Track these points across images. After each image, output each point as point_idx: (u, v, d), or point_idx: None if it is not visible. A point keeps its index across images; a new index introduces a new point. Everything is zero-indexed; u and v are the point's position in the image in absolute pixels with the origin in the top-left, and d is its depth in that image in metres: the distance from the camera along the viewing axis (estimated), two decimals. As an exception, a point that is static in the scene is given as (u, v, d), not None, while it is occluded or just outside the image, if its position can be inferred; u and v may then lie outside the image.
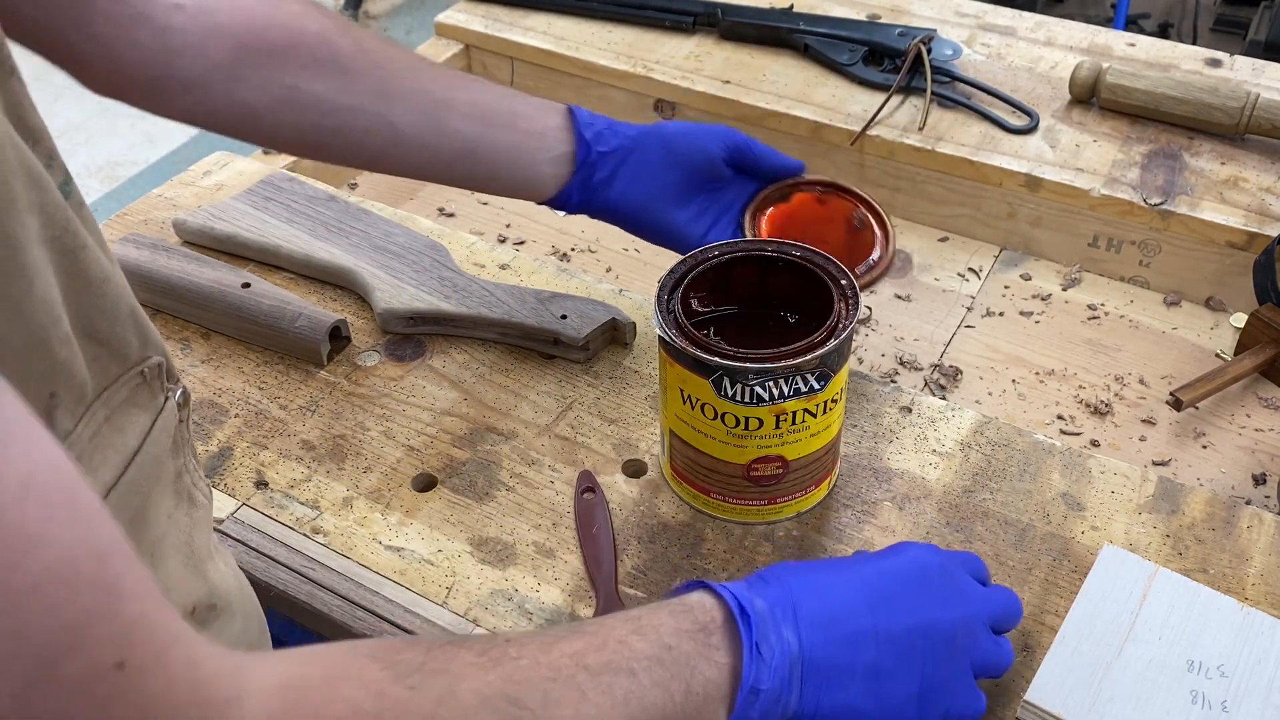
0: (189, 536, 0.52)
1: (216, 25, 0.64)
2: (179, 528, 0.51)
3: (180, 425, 0.51)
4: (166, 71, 0.63)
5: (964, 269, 1.02)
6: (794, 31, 1.15)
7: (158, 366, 0.47)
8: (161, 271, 0.87)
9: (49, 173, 0.40)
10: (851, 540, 0.71)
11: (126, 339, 0.45)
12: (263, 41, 0.65)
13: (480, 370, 0.83)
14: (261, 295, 0.85)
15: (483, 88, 0.73)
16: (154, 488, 0.48)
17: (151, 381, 0.47)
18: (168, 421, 0.48)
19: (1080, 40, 1.18)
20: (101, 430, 0.43)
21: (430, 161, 0.72)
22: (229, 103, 0.66)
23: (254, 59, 0.65)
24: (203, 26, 0.63)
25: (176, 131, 2.81)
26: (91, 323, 0.42)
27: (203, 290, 0.85)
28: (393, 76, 0.69)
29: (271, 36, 0.65)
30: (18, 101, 0.40)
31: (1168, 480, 0.74)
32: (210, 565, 0.54)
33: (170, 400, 0.48)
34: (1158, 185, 0.98)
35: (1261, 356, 0.86)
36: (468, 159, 0.72)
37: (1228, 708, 0.59)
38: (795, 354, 0.64)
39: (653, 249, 1.05)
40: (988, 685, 0.62)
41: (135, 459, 0.45)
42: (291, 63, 0.66)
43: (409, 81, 0.69)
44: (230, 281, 0.86)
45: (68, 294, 0.40)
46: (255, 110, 0.67)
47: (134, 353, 0.45)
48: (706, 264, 0.70)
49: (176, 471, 0.51)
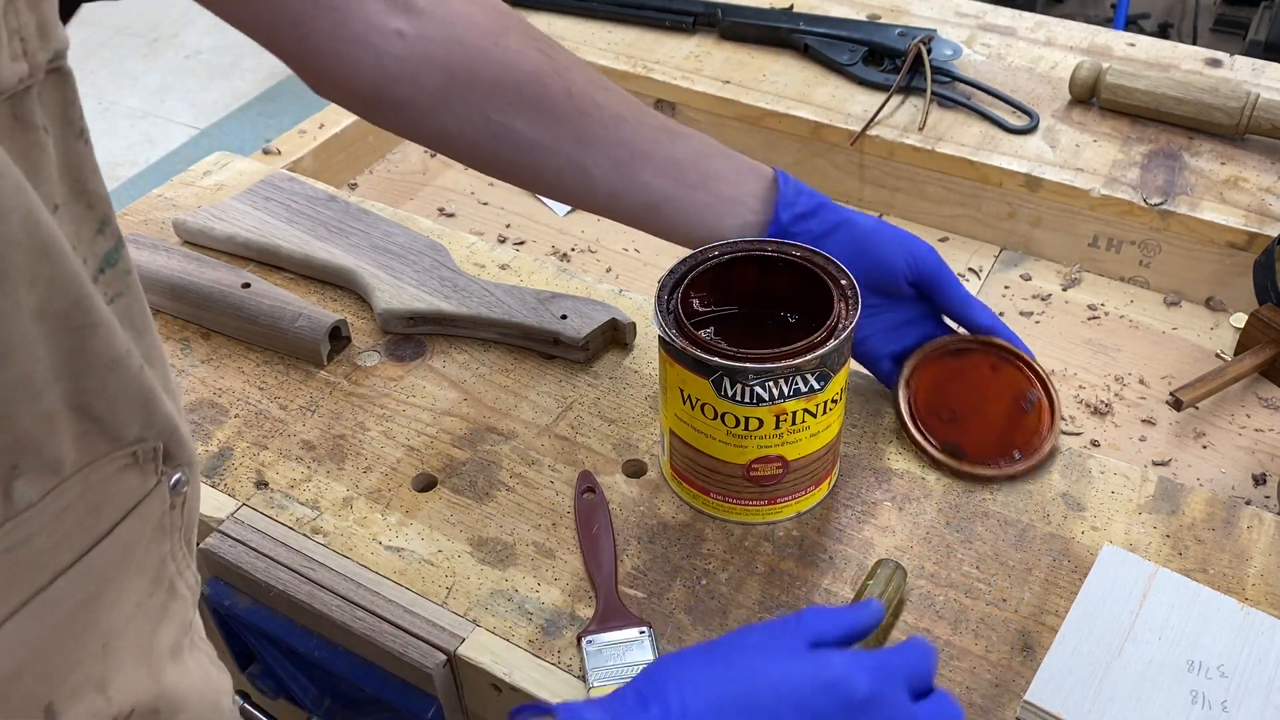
0: (155, 630, 0.48)
1: (431, 55, 0.66)
2: (145, 619, 0.47)
3: (172, 511, 0.47)
4: (380, 93, 0.67)
5: (964, 269, 1.02)
6: (794, 31, 1.15)
7: (153, 450, 0.44)
8: (161, 271, 0.87)
9: (99, 239, 0.39)
10: (851, 540, 0.71)
11: (125, 421, 0.42)
12: (473, 76, 0.67)
13: (480, 370, 0.83)
14: (261, 295, 0.85)
15: (690, 144, 0.73)
16: (117, 575, 0.44)
17: (144, 464, 0.43)
18: (152, 507, 0.45)
19: (1080, 40, 1.18)
20: (73, 507, 0.40)
21: (618, 209, 0.74)
22: (434, 127, 0.69)
23: (462, 91, 0.67)
24: (419, 55, 0.66)
25: (176, 131, 2.81)
26: (87, 401, 0.39)
27: (203, 290, 0.85)
28: (595, 124, 0.70)
29: (483, 72, 0.67)
30: (79, 165, 0.39)
31: (1168, 480, 0.74)
32: (172, 667, 0.49)
33: (162, 485, 0.45)
34: (1158, 185, 0.98)
35: (1261, 356, 0.86)
36: (653, 213, 0.73)
37: (1228, 708, 0.59)
38: (795, 354, 0.64)
39: (653, 249, 1.05)
40: (988, 687, 0.63)
41: (102, 543, 0.42)
42: (498, 99, 0.68)
43: (611, 132, 0.71)
44: (230, 281, 0.86)
45: (64, 371, 0.37)
46: (456, 138, 0.70)
47: (130, 435, 0.42)
48: (706, 264, 0.70)
49: (160, 559, 0.47)
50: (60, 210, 0.38)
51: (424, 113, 0.68)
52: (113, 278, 0.41)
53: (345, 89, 0.68)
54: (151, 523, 0.45)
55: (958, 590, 0.68)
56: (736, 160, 0.74)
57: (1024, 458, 0.73)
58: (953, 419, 0.74)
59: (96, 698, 0.44)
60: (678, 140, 0.73)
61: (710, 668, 0.47)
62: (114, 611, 0.44)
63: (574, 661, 0.64)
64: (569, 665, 0.64)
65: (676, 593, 0.68)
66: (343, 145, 1.14)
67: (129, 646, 0.45)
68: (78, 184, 0.39)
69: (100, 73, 3.02)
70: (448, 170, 1.17)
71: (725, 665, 0.47)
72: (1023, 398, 0.75)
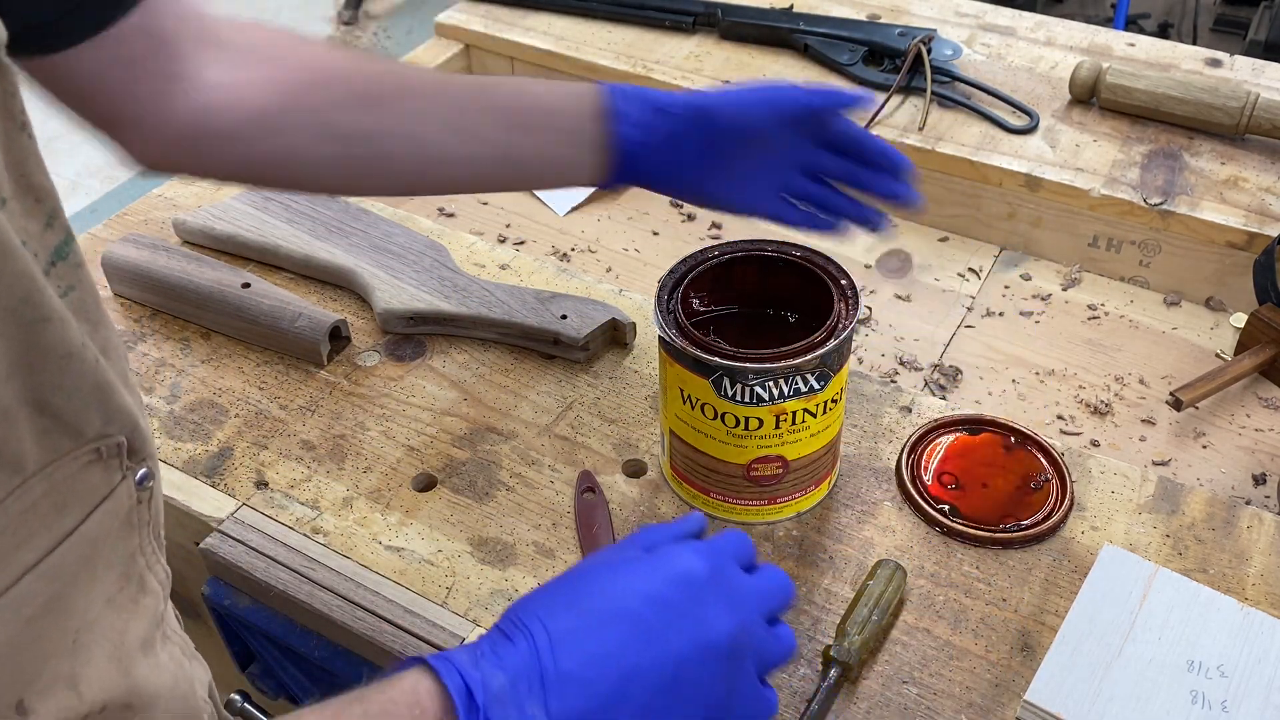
0: (125, 627, 0.47)
1: (250, 78, 0.65)
2: (116, 614, 0.47)
3: (139, 506, 0.47)
4: (206, 128, 0.64)
5: (964, 269, 1.02)
6: (794, 31, 1.15)
7: (117, 446, 0.44)
8: (161, 271, 0.87)
9: (48, 233, 0.39)
10: (851, 540, 0.71)
11: (85, 416, 0.42)
12: (296, 85, 0.66)
13: (480, 370, 0.83)
14: (261, 295, 0.85)
15: (512, 90, 0.72)
16: (85, 572, 0.44)
17: (108, 460, 0.44)
18: (119, 503, 0.45)
19: (1080, 40, 1.18)
20: (38, 505, 0.40)
21: (469, 176, 0.71)
22: (271, 148, 0.66)
23: (289, 102, 0.66)
24: (238, 80, 0.64)
25: (176, 131, 2.82)
26: (44, 396, 0.39)
27: (202, 290, 0.85)
28: (419, 96, 0.69)
29: (303, 78, 0.66)
30: (23, 159, 0.39)
31: (1168, 480, 0.74)
32: (143, 661, 0.49)
33: (127, 480, 0.45)
34: (1158, 185, 0.98)
35: (1261, 356, 0.86)
36: (504, 166, 0.71)
37: (1228, 708, 0.59)
38: (795, 354, 0.64)
39: (653, 249, 1.05)
40: (988, 687, 0.63)
41: (68, 539, 0.42)
42: (324, 101, 0.67)
43: (437, 100, 0.69)
44: (230, 281, 0.86)
45: (19, 366, 0.37)
46: (296, 151, 0.67)
47: (92, 430, 0.42)
48: (706, 264, 0.70)
49: (129, 554, 0.47)
50: (8, 205, 0.38)
51: (257, 136, 0.65)
52: (64, 271, 0.41)
53: (173, 133, 0.63)
54: (119, 519, 0.45)
55: (958, 590, 0.68)
56: (563, 89, 0.70)
57: (1019, 530, 0.70)
58: (955, 485, 0.74)
59: (68, 694, 0.44)
60: (502, 89, 0.71)
61: (566, 594, 0.48)
62: (84, 608, 0.44)
63: (574, 661, 0.64)
64: (569, 665, 0.64)
65: (676, 593, 0.68)
66: (343, 145, 1.13)
67: (99, 642, 0.45)
68: (23, 178, 0.39)
69: (100, 73, 3.01)
70: (448, 170, 1.17)
71: (579, 586, 0.49)
72: (1035, 478, 0.73)
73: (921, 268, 1.02)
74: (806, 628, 0.66)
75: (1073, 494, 0.72)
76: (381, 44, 3.19)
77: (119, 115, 0.62)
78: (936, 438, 0.76)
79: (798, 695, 0.63)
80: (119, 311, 0.89)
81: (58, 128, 0.63)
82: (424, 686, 0.44)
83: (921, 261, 1.03)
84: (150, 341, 0.86)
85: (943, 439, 0.76)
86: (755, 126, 0.70)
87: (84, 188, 2.62)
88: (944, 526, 0.71)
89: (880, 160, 0.71)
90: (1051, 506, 0.71)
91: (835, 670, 0.62)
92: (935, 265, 1.03)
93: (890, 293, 0.99)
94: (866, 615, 0.64)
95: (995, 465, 0.74)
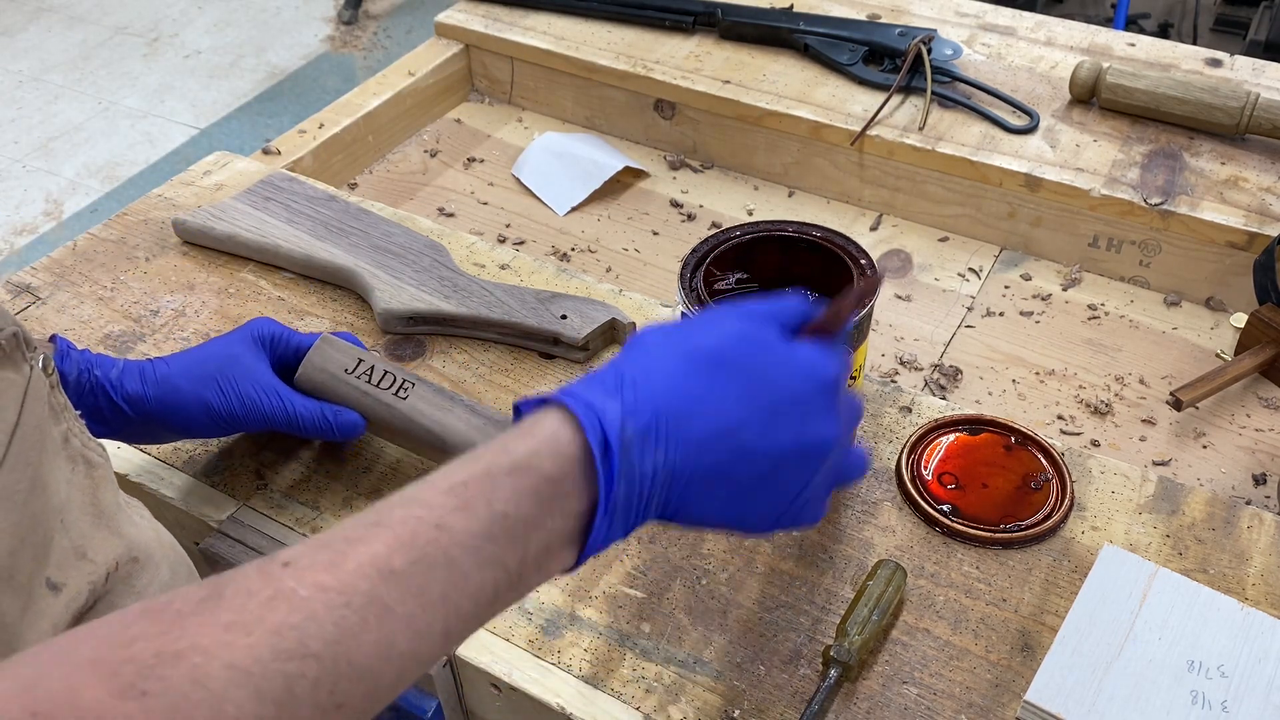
0: (94, 497, 0.53)
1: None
2: (80, 490, 0.52)
3: (54, 391, 0.52)
4: None
5: (964, 269, 1.02)
6: (794, 31, 1.15)
7: (14, 336, 0.48)
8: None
9: None
10: (851, 540, 0.71)
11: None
12: None
13: (480, 370, 0.83)
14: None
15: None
16: (43, 456, 0.49)
17: (12, 353, 0.48)
18: (39, 388, 0.50)
19: (1080, 40, 1.18)
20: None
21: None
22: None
23: None
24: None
25: (176, 131, 2.82)
26: None
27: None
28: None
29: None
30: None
31: (1168, 480, 0.74)
32: (123, 520, 0.55)
33: (34, 369, 0.50)
34: (1158, 185, 0.98)
35: (1261, 356, 0.86)
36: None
37: (1228, 708, 0.59)
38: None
39: (653, 249, 1.05)
40: (988, 687, 0.63)
41: (17, 431, 0.46)
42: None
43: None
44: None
45: None
46: None
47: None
48: (729, 243, 0.71)
49: (63, 436, 0.52)
50: None
51: None
52: None
53: None
54: (43, 404, 0.50)
55: (958, 590, 0.68)
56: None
57: (1017, 530, 0.70)
58: (956, 485, 0.74)
59: (82, 562, 0.51)
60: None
61: (696, 379, 0.49)
62: (55, 490, 0.50)
63: (573, 661, 0.64)
64: (568, 665, 0.64)
65: (676, 593, 0.68)
66: (342, 145, 1.14)
67: (82, 515, 0.52)
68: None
69: (100, 73, 3.02)
70: (447, 170, 1.17)
71: (726, 363, 0.50)
72: (1035, 478, 0.73)
73: (922, 268, 1.02)
74: (806, 628, 0.66)
75: (1073, 494, 0.72)
76: (381, 44, 3.19)
77: None
78: (937, 438, 0.76)
79: (798, 695, 0.63)
80: (106, 314, 0.89)
81: (58, 127, 0.63)
82: (565, 435, 0.45)
83: (921, 261, 1.03)
84: (150, 341, 0.86)
85: (943, 439, 0.76)
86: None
87: (84, 188, 2.62)
88: (944, 526, 0.71)
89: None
90: (1051, 506, 0.72)
91: (835, 670, 0.62)
92: (935, 265, 1.03)
93: (890, 293, 0.99)
94: (867, 615, 0.64)
95: (995, 465, 0.74)
